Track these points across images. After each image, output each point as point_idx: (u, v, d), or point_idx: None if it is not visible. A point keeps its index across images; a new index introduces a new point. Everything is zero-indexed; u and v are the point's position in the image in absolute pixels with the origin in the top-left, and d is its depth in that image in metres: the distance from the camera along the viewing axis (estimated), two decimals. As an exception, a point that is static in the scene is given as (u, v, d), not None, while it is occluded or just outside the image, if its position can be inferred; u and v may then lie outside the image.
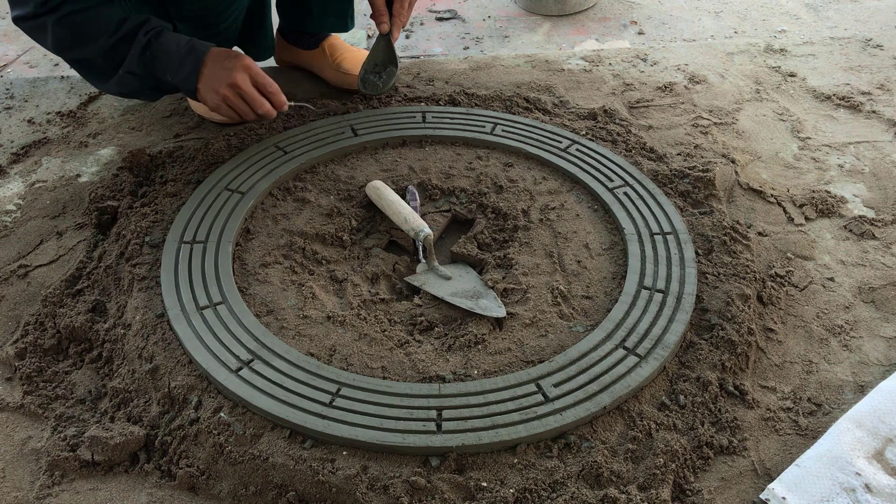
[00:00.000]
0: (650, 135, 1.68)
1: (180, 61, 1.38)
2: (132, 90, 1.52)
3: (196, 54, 1.38)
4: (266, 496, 0.99)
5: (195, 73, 1.39)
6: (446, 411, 1.04)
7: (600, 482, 0.98)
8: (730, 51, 2.03)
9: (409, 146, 1.60)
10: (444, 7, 2.47)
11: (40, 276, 1.34)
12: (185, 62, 1.38)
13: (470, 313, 1.21)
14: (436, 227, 1.40)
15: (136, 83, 1.46)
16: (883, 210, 1.48)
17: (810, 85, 1.87)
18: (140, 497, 1.00)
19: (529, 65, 1.95)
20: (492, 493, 0.96)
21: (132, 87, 1.49)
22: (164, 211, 1.42)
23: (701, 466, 1.03)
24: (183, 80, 1.41)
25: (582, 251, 1.33)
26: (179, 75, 1.40)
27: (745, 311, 1.21)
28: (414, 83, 1.85)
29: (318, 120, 1.65)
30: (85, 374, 1.18)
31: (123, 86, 1.47)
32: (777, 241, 1.41)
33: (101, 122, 1.76)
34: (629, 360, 1.12)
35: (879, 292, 1.31)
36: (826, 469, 1.00)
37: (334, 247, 1.37)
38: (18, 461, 1.05)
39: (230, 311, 1.19)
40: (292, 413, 1.03)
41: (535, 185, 1.49)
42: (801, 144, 1.67)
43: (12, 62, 2.18)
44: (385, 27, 1.59)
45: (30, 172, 1.60)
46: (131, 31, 1.37)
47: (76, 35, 1.38)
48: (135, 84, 1.47)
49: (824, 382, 1.15)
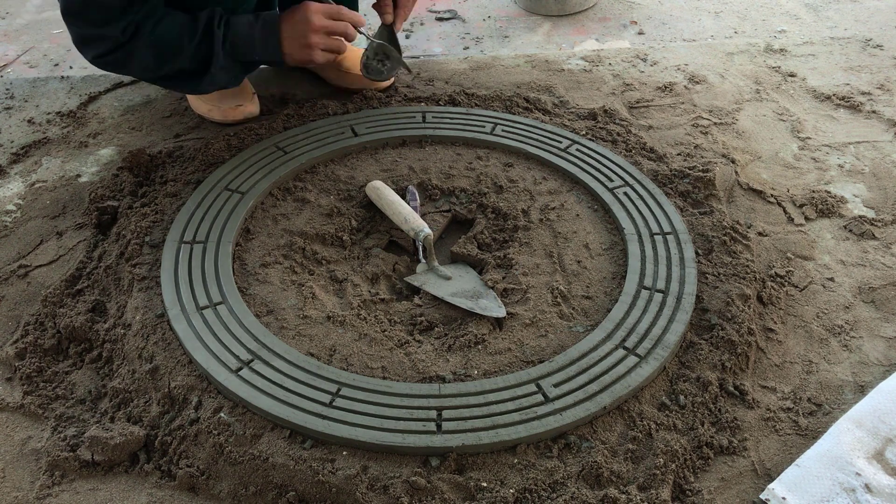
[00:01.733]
0: (650, 135, 1.68)
1: (260, 39, 1.42)
2: (226, 81, 1.53)
3: (270, 26, 1.42)
4: (266, 496, 0.99)
5: (277, 44, 1.43)
6: (446, 411, 1.04)
7: (600, 482, 0.98)
8: (730, 51, 2.03)
9: (409, 146, 1.60)
10: (444, 7, 2.47)
11: (40, 276, 1.34)
12: (265, 38, 1.42)
13: (470, 313, 1.21)
14: (436, 227, 1.40)
15: (227, 74, 1.48)
16: (883, 210, 1.48)
17: (810, 85, 1.87)
18: (140, 497, 1.00)
19: (529, 65, 1.95)
20: (492, 493, 0.96)
21: (226, 78, 1.50)
22: (164, 211, 1.42)
23: (701, 466, 1.03)
24: (270, 54, 1.45)
25: (582, 251, 1.33)
26: (266, 51, 1.44)
27: (745, 311, 1.21)
28: (414, 83, 1.85)
29: (318, 120, 1.65)
30: (85, 374, 1.18)
31: (218, 81, 1.49)
32: (777, 241, 1.41)
33: (101, 122, 1.76)
34: (629, 360, 1.12)
35: (879, 292, 1.31)
36: (826, 469, 1.00)
37: (334, 247, 1.37)
38: (18, 461, 1.05)
39: (230, 311, 1.19)
40: (292, 413, 1.03)
41: (535, 185, 1.49)
42: (801, 144, 1.67)
43: (12, 62, 2.18)
44: (389, 17, 1.60)
45: (30, 172, 1.60)
46: (206, 28, 1.39)
47: (164, 51, 1.40)
48: (227, 75, 1.49)
49: (824, 382, 1.15)
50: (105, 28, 1.37)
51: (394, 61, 1.65)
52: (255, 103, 1.68)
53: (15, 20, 2.37)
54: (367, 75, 1.67)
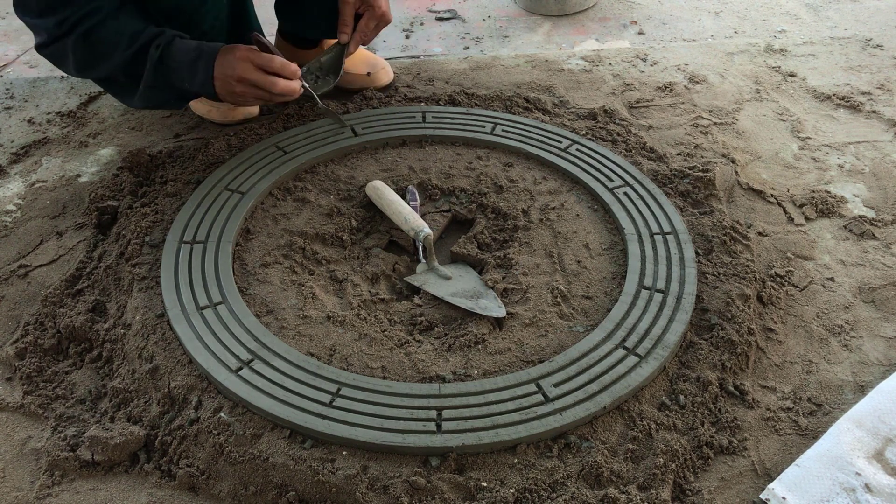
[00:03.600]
0: (650, 135, 1.68)
1: (193, 68, 1.37)
2: (159, 102, 1.51)
3: (205, 58, 1.37)
4: (266, 496, 0.99)
5: (210, 78, 1.37)
6: (446, 411, 1.04)
7: (600, 482, 0.98)
8: (730, 51, 2.03)
9: (409, 146, 1.60)
10: (444, 7, 2.47)
11: (40, 276, 1.34)
12: (197, 68, 1.37)
13: (470, 313, 1.21)
14: (436, 227, 1.40)
15: (159, 96, 1.45)
16: (883, 210, 1.48)
17: (810, 85, 1.87)
18: (140, 497, 1.00)
19: (529, 65, 1.95)
20: (492, 493, 0.96)
21: (157, 99, 1.48)
22: (164, 211, 1.42)
23: (701, 466, 1.03)
24: (200, 87, 1.39)
25: (582, 251, 1.33)
26: (196, 82, 1.38)
27: (745, 311, 1.21)
28: (414, 83, 1.85)
29: (318, 120, 1.65)
30: (85, 374, 1.18)
31: (148, 100, 1.46)
32: (777, 241, 1.41)
33: (101, 122, 1.76)
34: (629, 360, 1.12)
35: (879, 292, 1.31)
36: (826, 469, 1.00)
37: (334, 247, 1.37)
38: (18, 461, 1.05)
39: (230, 311, 1.19)
40: (292, 413, 1.03)
41: (535, 185, 1.49)
42: (801, 144, 1.67)
43: (12, 62, 2.18)
44: (344, 37, 1.55)
45: (30, 172, 1.60)
46: (144, 45, 1.36)
47: (95, 53, 1.37)
48: (159, 97, 1.46)
49: (824, 382, 1.15)
50: (42, 19, 1.35)
51: (326, 83, 1.60)
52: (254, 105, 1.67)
53: (15, 20, 2.36)
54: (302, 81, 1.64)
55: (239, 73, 1.36)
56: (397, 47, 2.25)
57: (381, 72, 1.79)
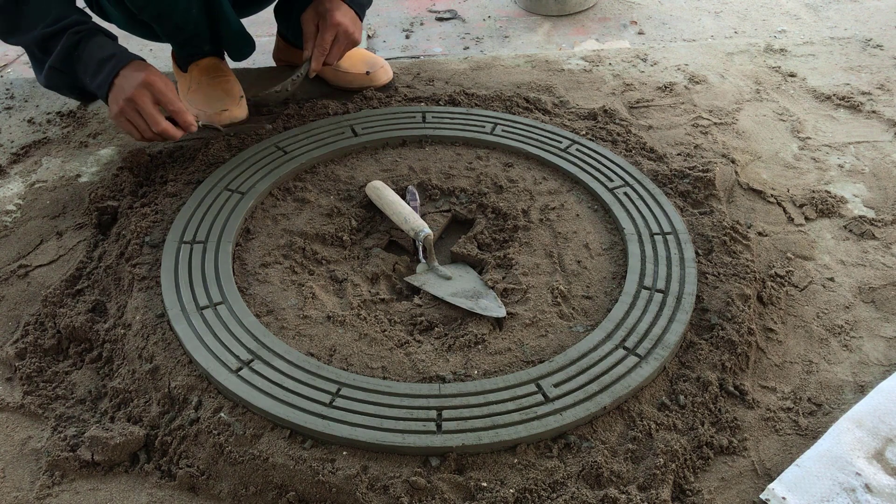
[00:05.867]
0: (650, 135, 1.68)
1: (100, 67, 1.36)
2: (59, 86, 1.50)
3: (115, 62, 1.35)
4: (266, 496, 0.99)
5: (108, 83, 1.36)
6: (446, 411, 1.04)
7: (600, 482, 0.98)
8: (730, 51, 2.03)
9: (409, 146, 1.60)
10: (444, 7, 2.47)
11: (40, 276, 1.34)
12: (103, 69, 1.36)
13: (470, 313, 1.21)
14: (436, 227, 1.40)
15: (60, 80, 1.45)
16: (883, 210, 1.48)
17: (810, 85, 1.87)
18: (140, 497, 1.00)
19: (529, 65, 1.95)
20: (492, 493, 0.96)
21: (58, 83, 1.47)
22: (164, 211, 1.42)
23: (701, 466, 1.03)
24: (98, 87, 1.38)
25: (582, 251, 1.33)
26: (95, 81, 1.37)
27: (745, 311, 1.21)
28: (414, 83, 1.85)
29: (319, 120, 1.65)
30: (85, 374, 1.18)
31: (50, 80, 1.45)
32: (777, 241, 1.41)
33: (101, 122, 1.76)
34: (629, 360, 1.12)
35: (879, 292, 1.31)
36: (826, 469, 1.00)
37: (334, 247, 1.37)
38: (18, 461, 1.05)
39: (230, 311, 1.19)
40: (292, 413, 1.03)
41: (535, 185, 1.49)
42: (801, 144, 1.67)
43: (12, 62, 2.18)
44: (307, 53, 1.57)
45: (30, 172, 1.60)
46: (62, 28, 1.36)
47: (20, 21, 1.37)
48: (60, 81, 1.45)
49: (824, 382, 1.15)
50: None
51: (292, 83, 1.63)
52: (241, 107, 1.64)
53: (15, 20, 2.36)
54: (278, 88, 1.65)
55: (132, 94, 1.34)
56: (397, 47, 2.25)
57: (379, 71, 1.78)
